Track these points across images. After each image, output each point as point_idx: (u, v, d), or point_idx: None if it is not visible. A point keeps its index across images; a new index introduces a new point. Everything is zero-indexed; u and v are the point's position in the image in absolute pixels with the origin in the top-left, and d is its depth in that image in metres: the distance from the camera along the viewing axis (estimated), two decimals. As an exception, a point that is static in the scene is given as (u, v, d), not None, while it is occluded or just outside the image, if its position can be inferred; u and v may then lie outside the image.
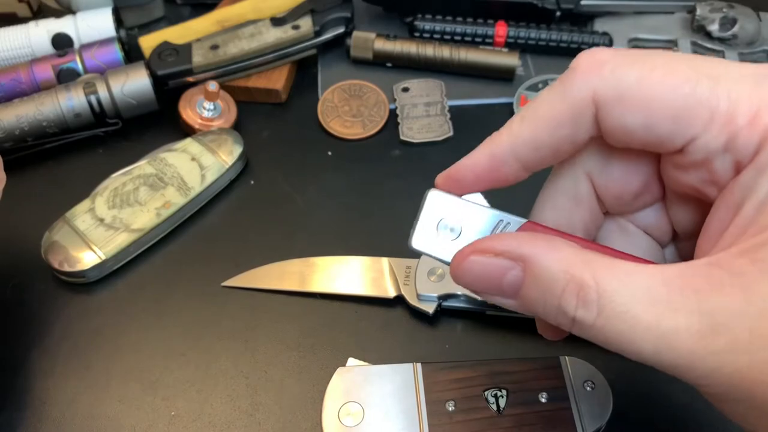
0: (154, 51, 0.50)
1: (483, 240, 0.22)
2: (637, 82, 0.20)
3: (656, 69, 0.20)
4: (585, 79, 0.21)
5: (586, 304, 0.19)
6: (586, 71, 0.21)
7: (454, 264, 0.23)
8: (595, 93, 0.21)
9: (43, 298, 0.41)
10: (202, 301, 0.41)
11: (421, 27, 0.54)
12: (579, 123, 0.21)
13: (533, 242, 0.21)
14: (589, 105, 0.21)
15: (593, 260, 0.19)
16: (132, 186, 0.44)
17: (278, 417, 0.36)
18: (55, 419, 0.36)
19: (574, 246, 0.21)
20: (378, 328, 0.40)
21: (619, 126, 0.21)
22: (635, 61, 0.21)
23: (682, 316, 0.18)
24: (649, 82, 0.20)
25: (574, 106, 0.21)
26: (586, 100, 0.21)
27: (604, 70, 0.21)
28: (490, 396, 0.32)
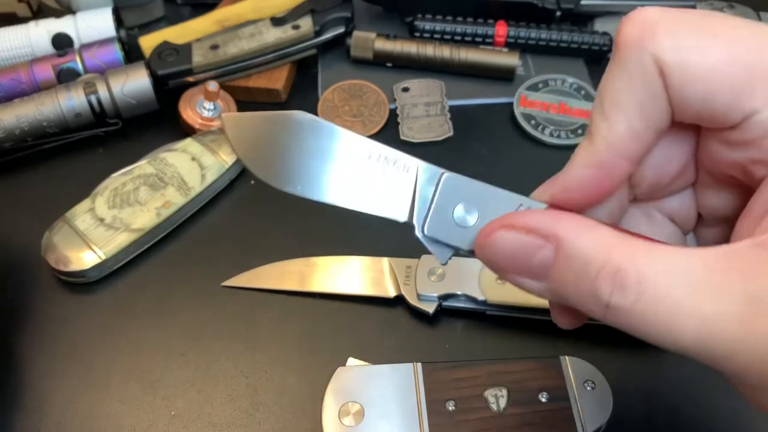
0: (154, 51, 0.50)
1: (513, 214, 0.21)
2: (698, 50, 0.19)
3: (718, 36, 0.19)
4: (643, 47, 0.19)
5: (623, 288, 0.17)
6: (642, 37, 0.19)
7: (480, 238, 0.21)
8: (657, 59, 0.19)
9: (43, 298, 0.41)
10: (202, 301, 0.41)
11: (422, 27, 0.54)
12: (657, 95, 0.20)
13: (568, 220, 0.20)
14: (657, 76, 0.19)
15: (631, 243, 0.18)
16: (132, 186, 0.44)
17: (278, 417, 0.36)
18: (55, 419, 0.36)
19: (609, 227, 0.19)
20: (378, 328, 0.40)
21: (678, 97, 0.20)
22: (693, 25, 0.19)
23: (726, 301, 0.16)
24: (711, 50, 0.19)
25: (645, 79, 0.20)
26: (652, 70, 0.19)
27: (659, 34, 0.19)
28: (491, 396, 0.32)
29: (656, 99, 0.20)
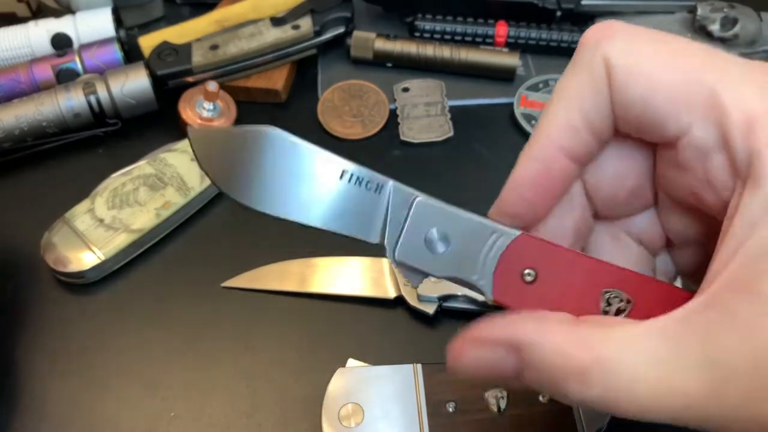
0: (154, 51, 0.50)
1: (473, 330, 0.21)
2: (646, 55, 0.19)
3: (669, 45, 0.19)
4: (597, 46, 0.20)
5: (591, 386, 0.18)
6: (599, 39, 0.20)
7: (450, 360, 0.22)
8: (606, 59, 0.20)
9: (43, 299, 0.41)
10: (202, 302, 0.41)
11: (422, 27, 0.53)
12: (601, 94, 0.20)
13: (524, 327, 0.20)
14: (603, 74, 0.20)
15: (588, 336, 0.19)
16: (132, 186, 0.44)
17: (278, 418, 0.36)
18: (54, 420, 0.36)
19: (565, 321, 0.20)
20: (378, 329, 0.40)
21: (619, 98, 0.20)
22: (650, 37, 0.20)
23: (691, 372, 0.17)
24: (657, 58, 0.19)
25: (591, 75, 0.20)
26: (599, 67, 0.20)
27: (617, 38, 0.20)
28: (491, 397, 0.32)
29: (598, 97, 0.20)
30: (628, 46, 0.20)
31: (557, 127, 0.21)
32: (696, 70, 0.19)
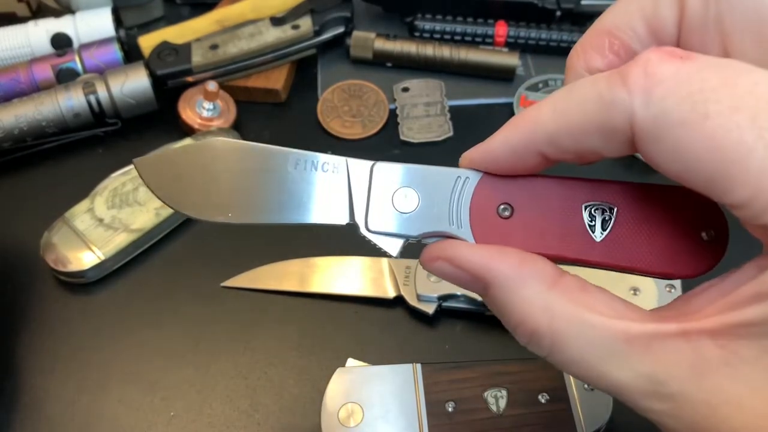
0: (154, 51, 0.50)
1: (450, 246, 0.21)
2: (681, 126, 0.17)
3: (709, 119, 0.16)
4: (628, 97, 0.17)
5: (538, 345, 0.20)
6: (634, 86, 0.17)
7: (423, 261, 0.22)
8: (633, 117, 0.17)
9: (42, 299, 0.41)
10: (201, 302, 0.41)
11: (421, 27, 0.53)
12: (609, 139, 0.19)
13: (498, 270, 0.20)
14: (624, 127, 0.18)
15: (556, 306, 0.19)
16: (131, 186, 0.44)
17: (278, 417, 0.36)
18: (54, 419, 0.36)
19: (539, 279, 0.20)
20: (378, 329, 0.40)
21: (654, 163, 0.18)
22: (691, 95, 0.17)
23: (631, 374, 0.18)
24: (694, 133, 0.16)
25: (607, 123, 0.18)
26: (621, 122, 0.18)
27: (654, 94, 0.17)
28: (490, 396, 0.32)
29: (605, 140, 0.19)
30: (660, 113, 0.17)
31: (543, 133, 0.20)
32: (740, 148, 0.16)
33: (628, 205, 0.21)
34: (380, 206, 0.22)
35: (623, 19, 0.22)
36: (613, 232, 0.21)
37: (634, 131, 0.18)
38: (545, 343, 0.19)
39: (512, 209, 0.22)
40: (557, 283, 0.20)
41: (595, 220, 0.21)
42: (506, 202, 0.22)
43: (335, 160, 0.22)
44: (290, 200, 0.22)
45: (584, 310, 0.19)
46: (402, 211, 0.22)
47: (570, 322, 0.19)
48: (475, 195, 0.22)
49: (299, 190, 0.22)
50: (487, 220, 0.22)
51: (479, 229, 0.22)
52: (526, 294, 0.20)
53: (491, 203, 0.22)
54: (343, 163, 0.22)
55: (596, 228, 0.21)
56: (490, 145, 0.22)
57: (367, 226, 0.22)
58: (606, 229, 0.21)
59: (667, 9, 0.20)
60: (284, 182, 0.22)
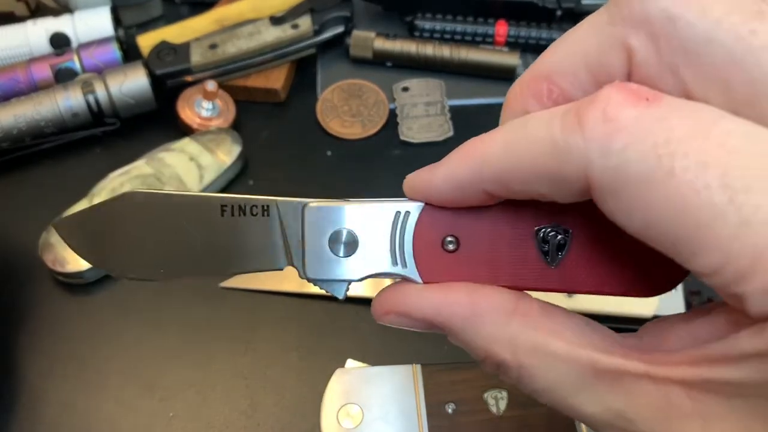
0: (153, 50, 0.50)
1: (395, 297, 0.21)
2: (643, 183, 0.15)
3: (675, 176, 0.14)
4: (584, 144, 0.16)
5: (506, 374, 0.19)
6: (592, 133, 0.16)
7: (375, 316, 0.21)
8: (589, 167, 0.16)
9: (41, 299, 0.41)
10: (200, 303, 0.41)
11: (421, 26, 0.53)
12: (562, 188, 0.17)
13: (450, 308, 0.19)
14: (579, 177, 0.16)
15: (518, 337, 0.18)
16: (130, 186, 0.43)
17: (277, 418, 0.36)
18: (52, 420, 0.36)
19: (498, 309, 0.19)
20: (377, 330, 0.39)
21: (612, 218, 0.16)
22: (656, 147, 0.15)
23: (601, 409, 0.18)
24: (657, 192, 0.15)
25: (559, 171, 0.16)
26: (575, 171, 0.16)
27: (614, 144, 0.15)
28: (490, 397, 0.32)
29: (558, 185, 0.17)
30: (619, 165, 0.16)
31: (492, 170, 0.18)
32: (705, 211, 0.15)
33: (585, 226, 0.20)
34: (316, 251, 0.21)
35: (564, 65, 0.19)
36: (570, 256, 0.20)
37: (590, 183, 0.16)
38: (513, 375, 0.19)
39: (458, 241, 0.20)
40: (516, 312, 0.19)
41: (549, 245, 0.20)
42: (452, 234, 0.20)
43: (263, 202, 0.21)
44: (223, 251, 0.21)
45: (548, 337, 0.18)
46: (340, 255, 0.21)
47: (534, 353, 0.18)
48: (417, 229, 0.20)
49: (231, 238, 0.21)
50: (432, 255, 0.20)
51: (425, 265, 0.21)
52: (484, 332, 0.19)
53: (435, 237, 0.20)
54: (273, 205, 0.21)
55: (551, 253, 0.20)
56: (432, 177, 0.20)
57: (305, 274, 0.21)
58: (561, 253, 0.20)
59: (613, 56, 0.18)
60: (214, 233, 0.21)
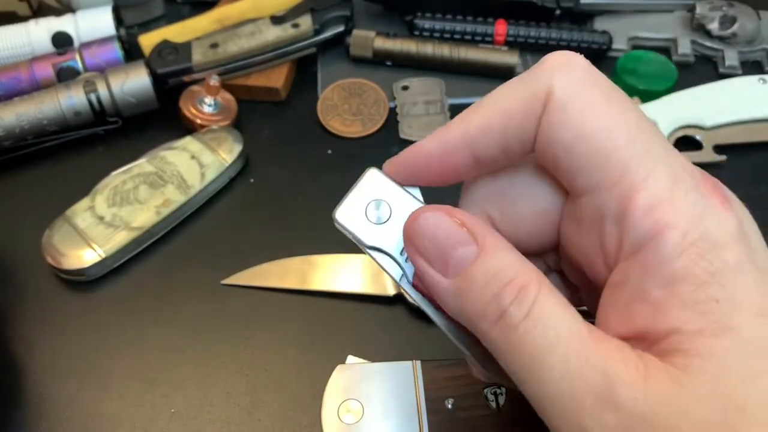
0: (154, 49, 0.50)
1: (448, 206, 0.21)
2: (589, 102, 0.19)
3: (611, 105, 0.19)
4: (550, 73, 0.19)
5: (521, 302, 0.18)
6: (556, 67, 0.19)
7: (413, 215, 0.21)
8: (550, 89, 0.19)
9: (43, 296, 0.41)
10: (202, 299, 0.41)
11: (421, 25, 0.54)
12: (530, 116, 0.20)
13: (496, 234, 0.20)
14: (542, 100, 0.19)
15: (542, 278, 0.19)
16: (132, 184, 0.44)
17: (278, 414, 0.36)
18: (55, 417, 0.36)
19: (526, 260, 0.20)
20: (377, 326, 0.40)
21: (548, 132, 0.19)
22: (603, 85, 0.19)
23: (588, 373, 0.17)
24: (599, 109, 0.19)
25: (530, 96, 0.20)
26: (542, 93, 0.19)
27: (572, 73, 0.19)
28: (490, 393, 0.32)
29: (527, 119, 0.20)
30: (577, 86, 0.19)
31: (473, 127, 0.21)
32: (625, 138, 0.18)
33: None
34: (354, 205, 0.23)
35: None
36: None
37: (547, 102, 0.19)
38: (529, 299, 0.18)
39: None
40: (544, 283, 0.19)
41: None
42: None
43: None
44: None
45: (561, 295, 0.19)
46: (370, 219, 0.23)
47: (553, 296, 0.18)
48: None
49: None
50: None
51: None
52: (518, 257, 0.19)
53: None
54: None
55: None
56: (421, 147, 0.22)
57: (334, 215, 0.23)
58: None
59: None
60: None
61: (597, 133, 0.19)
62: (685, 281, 0.17)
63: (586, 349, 0.17)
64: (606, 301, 0.19)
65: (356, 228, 0.23)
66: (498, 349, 0.19)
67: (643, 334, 0.18)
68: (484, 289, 0.19)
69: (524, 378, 0.18)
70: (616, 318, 0.19)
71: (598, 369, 0.17)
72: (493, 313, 0.19)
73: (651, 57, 0.52)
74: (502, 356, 0.19)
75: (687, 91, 0.49)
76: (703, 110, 0.48)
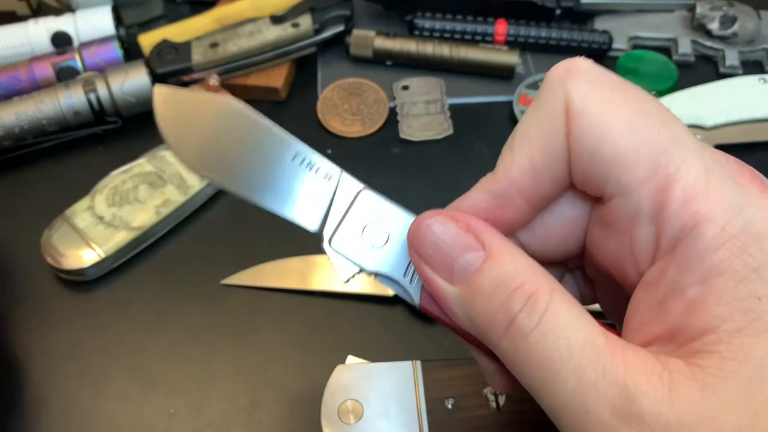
0: (154, 49, 0.50)
1: (452, 211, 0.20)
2: (604, 103, 0.18)
3: (629, 101, 0.18)
4: (561, 84, 0.19)
5: (531, 310, 0.18)
6: (564, 77, 0.19)
7: (416, 222, 0.20)
8: (567, 99, 0.19)
9: (43, 296, 0.41)
10: (201, 300, 0.41)
11: (421, 25, 0.54)
12: (559, 136, 0.19)
13: (502, 237, 0.20)
14: (562, 114, 0.19)
15: (554, 284, 0.18)
16: (131, 184, 0.44)
17: (277, 415, 0.36)
18: (54, 417, 0.36)
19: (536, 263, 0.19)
20: (377, 326, 0.40)
21: (575, 144, 0.19)
22: (615, 83, 0.19)
23: (603, 382, 0.16)
24: (617, 108, 0.18)
25: (552, 116, 0.19)
26: (559, 107, 0.19)
27: (582, 78, 0.19)
28: (490, 393, 0.32)
29: (557, 141, 0.19)
30: (591, 89, 0.19)
31: (519, 168, 0.20)
32: (650, 132, 0.18)
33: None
34: (351, 229, 0.22)
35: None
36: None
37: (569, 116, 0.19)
38: (540, 307, 0.18)
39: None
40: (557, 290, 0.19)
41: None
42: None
43: (330, 169, 0.23)
44: (275, 187, 0.23)
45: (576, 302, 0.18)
46: (367, 243, 0.22)
47: (566, 301, 0.18)
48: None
49: (286, 181, 0.23)
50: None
51: (428, 295, 0.21)
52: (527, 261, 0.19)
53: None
54: (337, 175, 0.23)
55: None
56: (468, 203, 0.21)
57: (330, 242, 0.22)
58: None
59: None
60: (276, 169, 0.23)
61: (620, 131, 0.18)
62: (724, 276, 0.16)
63: (603, 359, 0.17)
64: (637, 301, 0.19)
65: (354, 254, 0.22)
66: (509, 360, 0.18)
67: (676, 333, 0.17)
68: (492, 296, 0.18)
69: (537, 389, 0.18)
70: (647, 317, 0.18)
71: (617, 381, 0.16)
72: (501, 322, 0.18)
73: (651, 57, 0.52)
74: (514, 367, 0.18)
75: (687, 90, 0.49)
76: (703, 110, 0.48)
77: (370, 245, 0.22)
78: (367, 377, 0.33)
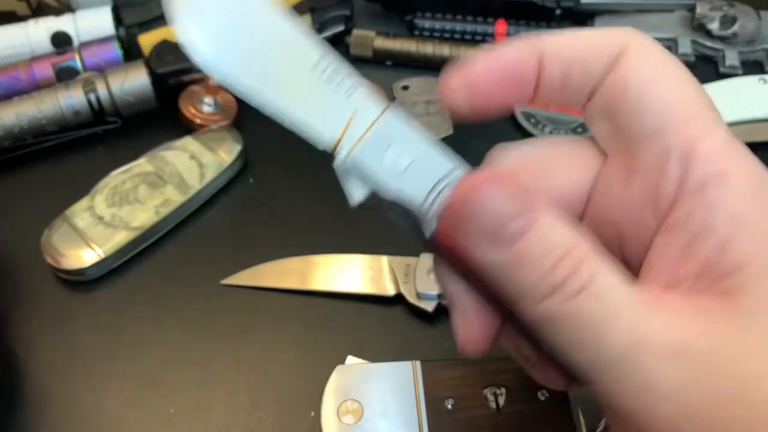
0: (154, 49, 0.50)
1: (500, 174, 0.21)
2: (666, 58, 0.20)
3: (683, 70, 0.20)
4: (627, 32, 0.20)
5: (576, 276, 0.18)
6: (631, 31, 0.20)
7: (463, 187, 0.20)
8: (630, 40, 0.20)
9: (43, 296, 0.41)
10: (201, 300, 0.41)
11: (421, 25, 0.54)
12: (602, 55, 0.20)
13: (551, 205, 0.19)
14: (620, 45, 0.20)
15: (599, 250, 0.18)
16: (131, 184, 0.44)
17: (277, 415, 0.36)
18: (54, 417, 0.36)
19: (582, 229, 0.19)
20: (377, 326, 0.40)
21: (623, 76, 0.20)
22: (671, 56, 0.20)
23: (653, 334, 0.17)
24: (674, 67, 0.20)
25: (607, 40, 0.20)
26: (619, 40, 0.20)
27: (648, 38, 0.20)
28: (490, 394, 0.32)
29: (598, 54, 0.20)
30: (654, 46, 0.20)
31: (550, 40, 0.21)
32: (697, 94, 0.19)
33: None
34: (370, 147, 0.20)
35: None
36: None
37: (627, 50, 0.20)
38: (584, 274, 0.18)
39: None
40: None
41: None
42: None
43: (357, 81, 0.20)
44: (292, 89, 0.20)
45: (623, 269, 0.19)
46: (386, 165, 0.21)
47: (611, 270, 0.18)
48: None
49: (308, 86, 0.20)
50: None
51: (446, 233, 0.20)
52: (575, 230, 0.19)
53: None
54: (360, 90, 0.21)
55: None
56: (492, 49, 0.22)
57: (348, 158, 0.21)
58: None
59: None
60: (298, 70, 0.20)
61: (672, 82, 0.19)
62: (756, 215, 0.17)
63: (650, 313, 0.17)
64: (660, 246, 0.19)
65: (374, 174, 0.20)
66: (548, 323, 0.18)
67: (706, 271, 0.17)
68: (537, 263, 0.18)
69: (577, 350, 0.18)
70: (673, 260, 0.18)
71: (664, 330, 0.17)
72: (546, 288, 0.18)
73: (651, 57, 0.52)
74: (552, 329, 0.18)
75: (687, 90, 0.49)
76: (703, 110, 0.48)
77: (388, 168, 0.21)
78: (367, 377, 0.33)
